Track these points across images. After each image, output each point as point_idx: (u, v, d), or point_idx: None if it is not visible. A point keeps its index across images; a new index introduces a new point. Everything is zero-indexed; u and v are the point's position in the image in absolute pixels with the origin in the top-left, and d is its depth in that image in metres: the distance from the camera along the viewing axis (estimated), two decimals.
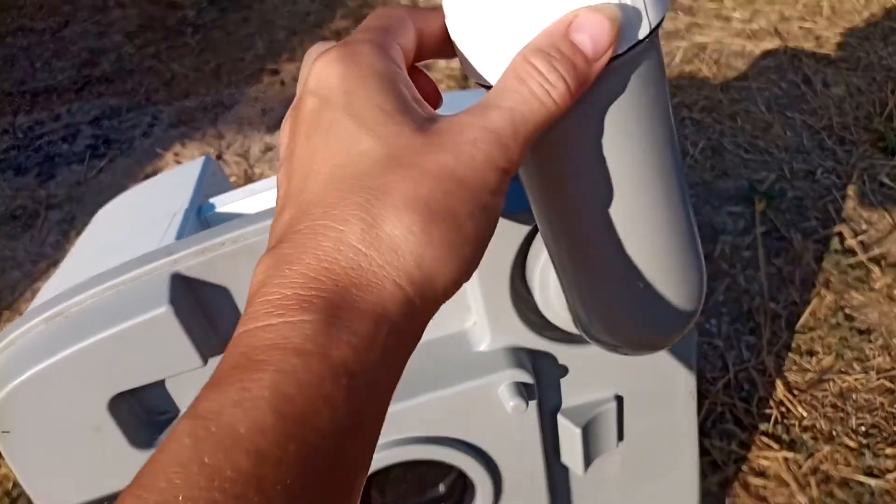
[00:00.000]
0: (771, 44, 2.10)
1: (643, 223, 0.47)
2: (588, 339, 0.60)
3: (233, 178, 1.97)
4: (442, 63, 2.25)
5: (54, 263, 1.79)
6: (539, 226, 0.52)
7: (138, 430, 0.68)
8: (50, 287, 0.75)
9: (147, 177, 2.02)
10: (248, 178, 1.97)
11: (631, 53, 0.38)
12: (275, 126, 2.11)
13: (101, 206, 1.91)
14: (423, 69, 0.42)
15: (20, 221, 1.94)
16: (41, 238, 1.87)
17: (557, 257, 0.54)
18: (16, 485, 1.36)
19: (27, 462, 0.67)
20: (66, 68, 2.57)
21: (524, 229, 0.62)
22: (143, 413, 0.70)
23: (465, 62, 0.41)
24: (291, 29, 2.53)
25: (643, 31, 0.37)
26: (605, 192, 0.45)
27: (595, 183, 0.44)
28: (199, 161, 0.85)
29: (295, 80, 2.30)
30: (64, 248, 1.83)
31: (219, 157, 2.06)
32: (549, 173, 0.46)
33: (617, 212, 0.47)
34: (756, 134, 1.80)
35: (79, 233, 1.84)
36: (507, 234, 0.62)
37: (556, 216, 0.50)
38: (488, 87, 0.40)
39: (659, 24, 0.39)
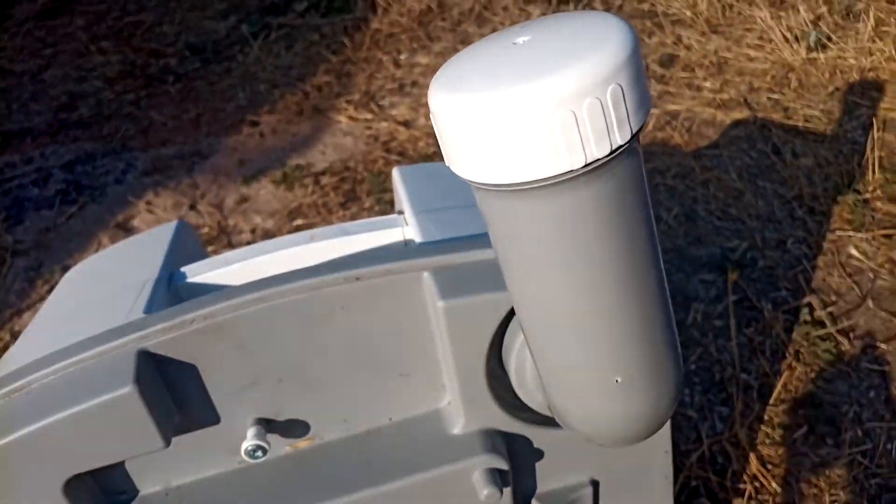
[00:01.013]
0: (741, 114, 2.16)
1: (624, 320, 0.47)
2: (563, 426, 0.59)
3: (206, 230, 1.95)
4: (421, 121, 2.27)
5: (18, 312, 1.73)
6: (516, 309, 0.51)
7: None
8: (14, 355, 0.73)
9: (118, 225, 1.99)
10: (222, 230, 1.95)
11: (613, 157, 0.39)
12: (251, 177, 2.11)
13: (70, 253, 1.87)
14: None
15: None
16: (6, 285, 1.81)
17: (533, 345, 0.53)
18: None
19: None
20: (44, 111, 2.54)
21: (502, 310, 0.61)
22: (101, 494, 0.67)
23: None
24: (273, 82, 2.55)
25: (624, 136, 0.38)
26: (587, 287, 0.45)
27: (576, 278, 0.45)
28: (172, 225, 0.84)
29: (274, 132, 2.31)
30: (29, 295, 1.78)
31: (192, 206, 2.04)
32: (529, 266, 0.46)
33: (597, 307, 0.46)
34: (728, 202, 1.84)
35: (45, 281, 1.80)
36: (485, 313, 0.61)
37: (535, 309, 0.49)
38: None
39: (640, 130, 0.39)
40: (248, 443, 0.63)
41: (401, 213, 0.80)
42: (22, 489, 0.61)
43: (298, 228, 1.93)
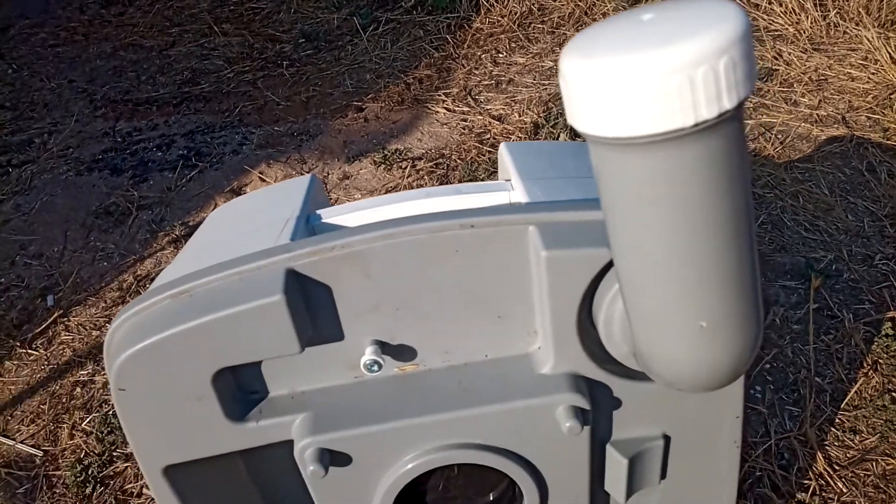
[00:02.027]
0: (837, 131, 2.15)
1: (714, 269, 0.54)
2: (646, 372, 0.66)
3: None
4: (514, 117, 2.36)
5: (141, 259, 1.93)
6: (615, 259, 0.59)
7: (232, 405, 0.77)
8: (169, 271, 0.86)
9: (232, 190, 2.17)
10: None
11: (720, 121, 0.46)
12: (354, 157, 2.25)
13: (189, 211, 2.06)
14: None
15: (112, 217, 2.10)
16: (131, 235, 2.02)
17: (628, 292, 0.61)
18: (87, 454, 1.46)
19: (136, 419, 0.76)
20: (168, 84, 2.78)
21: (597, 265, 0.69)
22: (238, 390, 0.79)
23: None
24: (378, 72, 2.70)
25: (732, 102, 0.46)
26: (685, 236, 0.52)
27: (675, 228, 0.52)
28: (307, 178, 0.96)
29: (377, 118, 2.45)
30: (151, 245, 1.97)
31: None
32: (633, 216, 0.53)
33: (692, 256, 0.54)
34: (817, 214, 1.85)
35: (167, 234, 1.99)
36: (582, 266, 0.69)
37: (634, 256, 0.57)
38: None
39: (745, 99, 0.47)
40: (367, 357, 0.74)
41: (507, 181, 0.90)
42: (180, 375, 0.73)
43: None
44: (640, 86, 0.45)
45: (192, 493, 0.79)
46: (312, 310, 0.74)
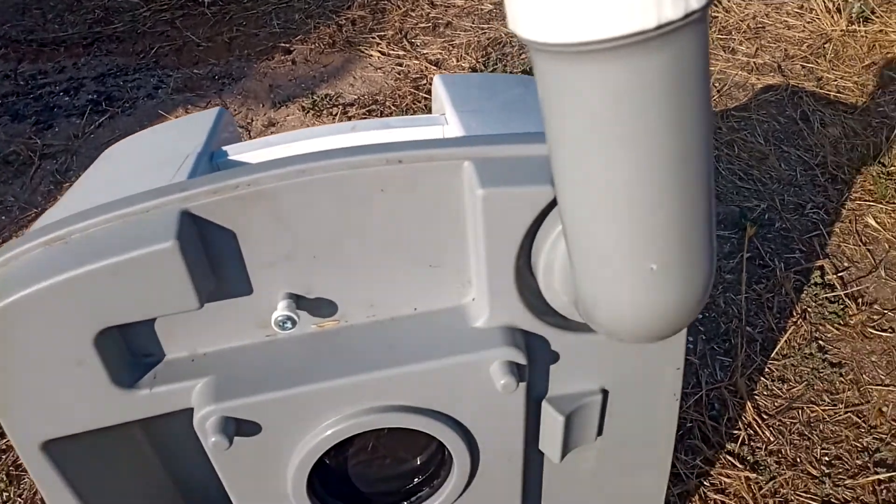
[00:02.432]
0: (773, 79, 2.14)
1: (671, 203, 0.48)
2: (587, 321, 0.61)
3: None
4: (452, 62, 2.26)
5: (43, 211, 1.77)
6: (560, 194, 0.53)
7: (121, 369, 0.67)
8: (49, 215, 0.75)
9: None
10: None
11: (686, 23, 0.39)
12: (280, 102, 2.11)
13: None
14: None
15: (12, 167, 1.92)
16: (33, 186, 1.85)
17: (572, 231, 0.54)
18: None
19: (4, 388, 0.66)
20: (78, 23, 2.55)
21: (538, 204, 0.63)
22: (128, 352, 0.69)
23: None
24: (308, 12, 2.54)
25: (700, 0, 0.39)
26: (640, 165, 0.46)
27: (630, 154, 0.45)
28: (214, 111, 0.85)
29: (306, 61, 2.31)
30: (55, 197, 1.81)
31: None
32: (582, 140, 0.46)
33: (646, 188, 0.47)
34: (751, 163, 1.84)
35: (71, 184, 1.83)
36: (522, 205, 0.63)
37: (581, 190, 0.50)
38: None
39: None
40: (279, 313, 0.66)
41: (442, 115, 0.82)
42: (55, 335, 0.63)
43: None
44: None
45: (80, 470, 0.70)
46: (214, 259, 0.65)
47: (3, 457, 1.29)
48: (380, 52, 2.33)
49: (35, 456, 0.67)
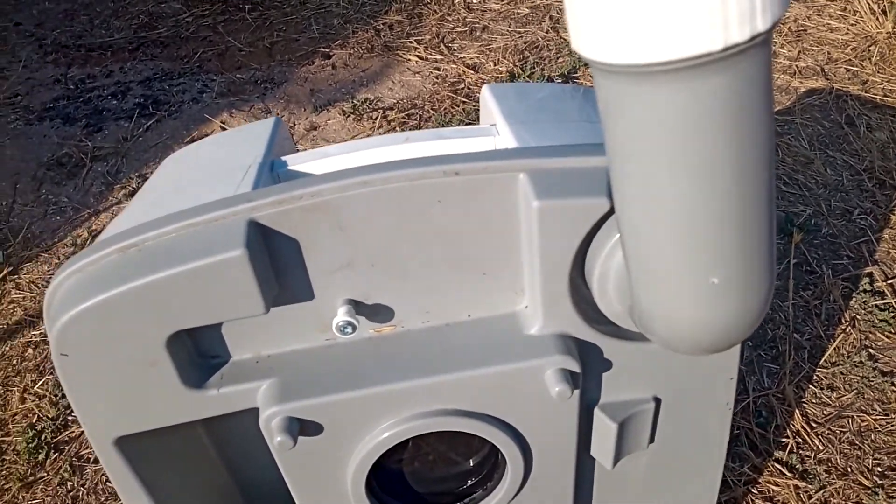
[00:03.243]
0: (817, 83, 2.11)
1: (733, 219, 0.48)
2: (643, 332, 0.61)
3: None
4: (489, 66, 2.27)
5: (96, 213, 1.82)
6: (619, 208, 0.53)
7: (190, 370, 0.70)
8: (119, 222, 0.78)
9: (192, 140, 2.06)
10: None
11: (751, 46, 0.40)
12: (322, 107, 2.14)
13: (146, 162, 1.95)
14: None
15: (65, 169, 1.98)
16: (85, 187, 1.90)
17: (631, 244, 0.55)
18: (40, 419, 1.39)
19: (81, 387, 0.69)
20: (124, 28, 2.61)
21: (593, 216, 0.64)
22: (197, 354, 0.72)
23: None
24: (346, 17, 2.57)
25: (766, 23, 0.39)
26: (702, 181, 0.46)
27: (692, 171, 0.46)
28: (271, 121, 0.88)
29: (345, 66, 2.34)
30: (107, 198, 1.86)
31: None
32: (644, 157, 0.47)
33: (709, 203, 0.48)
34: (796, 168, 1.81)
35: (123, 186, 1.88)
36: (577, 217, 0.63)
37: (642, 204, 0.51)
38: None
39: (777, 22, 0.41)
40: (340, 318, 0.68)
41: (492, 125, 0.83)
42: (130, 338, 0.66)
43: None
44: (661, 2, 0.38)
45: (148, 465, 0.73)
46: (278, 266, 0.67)
47: (67, 448, 1.34)
48: (417, 56, 2.35)
49: (109, 451, 0.70)
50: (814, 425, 1.28)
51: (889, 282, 1.51)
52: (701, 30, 0.38)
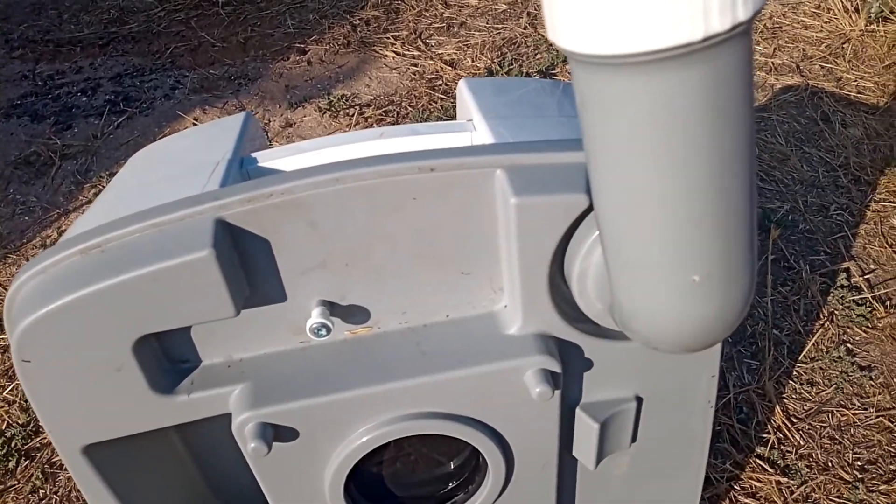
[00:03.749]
0: (792, 80, 2.12)
1: (715, 214, 0.47)
2: (624, 330, 0.60)
3: None
4: (467, 62, 2.26)
5: (66, 213, 1.77)
6: (598, 204, 0.52)
7: (159, 375, 0.68)
8: (83, 221, 0.75)
9: (165, 137, 2.01)
10: None
11: (732, 35, 0.39)
12: (297, 103, 2.11)
13: (117, 160, 1.90)
14: None
15: (34, 168, 1.93)
16: (54, 186, 1.85)
17: (610, 242, 0.54)
18: (10, 425, 1.34)
19: (45, 394, 0.66)
20: (94, 23, 2.55)
21: (573, 213, 0.62)
22: (165, 359, 0.69)
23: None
24: (322, 12, 2.53)
25: (747, 12, 0.38)
26: (683, 176, 0.45)
27: (672, 166, 0.45)
28: (241, 115, 0.85)
29: (322, 62, 2.30)
30: (77, 198, 1.81)
31: None
32: (623, 151, 0.46)
33: (689, 199, 0.46)
34: (773, 164, 1.82)
35: (94, 185, 1.83)
36: (556, 214, 0.62)
37: (621, 200, 0.49)
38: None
39: (758, 12, 0.39)
40: (314, 320, 0.66)
41: (468, 121, 0.81)
42: (94, 343, 0.63)
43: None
44: None
45: (119, 473, 0.70)
46: (248, 267, 0.65)
47: (39, 455, 1.30)
48: (394, 52, 2.32)
49: (76, 460, 0.67)
50: (794, 421, 1.28)
51: (865, 277, 1.52)
52: (681, 19, 0.37)
